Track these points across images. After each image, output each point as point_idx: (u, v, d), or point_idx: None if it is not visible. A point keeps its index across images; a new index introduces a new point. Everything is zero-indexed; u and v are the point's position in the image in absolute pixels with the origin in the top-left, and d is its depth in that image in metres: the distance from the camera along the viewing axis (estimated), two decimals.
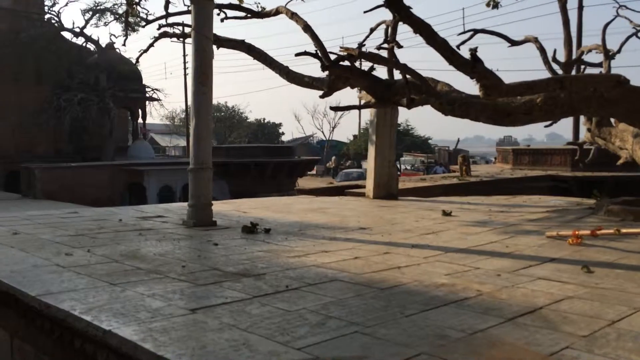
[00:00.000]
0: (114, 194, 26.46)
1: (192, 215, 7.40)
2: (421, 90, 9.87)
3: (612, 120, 10.99)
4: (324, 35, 9.48)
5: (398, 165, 47.42)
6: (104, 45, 32.12)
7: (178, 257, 5.23)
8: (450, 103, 9.17)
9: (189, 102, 7.23)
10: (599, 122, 13.45)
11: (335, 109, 10.95)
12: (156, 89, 32.63)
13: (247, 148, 31.76)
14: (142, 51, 13.03)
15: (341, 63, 9.75)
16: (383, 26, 11.44)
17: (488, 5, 12.25)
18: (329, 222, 7.84)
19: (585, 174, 18.54)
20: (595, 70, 12.28)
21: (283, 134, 56.82)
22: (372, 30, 12.10)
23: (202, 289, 4.01)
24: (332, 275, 4.47)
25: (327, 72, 10.41)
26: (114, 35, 32.05)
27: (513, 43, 11.84)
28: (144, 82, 33.88)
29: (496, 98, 7.21)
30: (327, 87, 9.92)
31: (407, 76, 9.87)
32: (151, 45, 12.80)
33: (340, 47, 9.34)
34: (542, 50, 11.91)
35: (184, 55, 43.19)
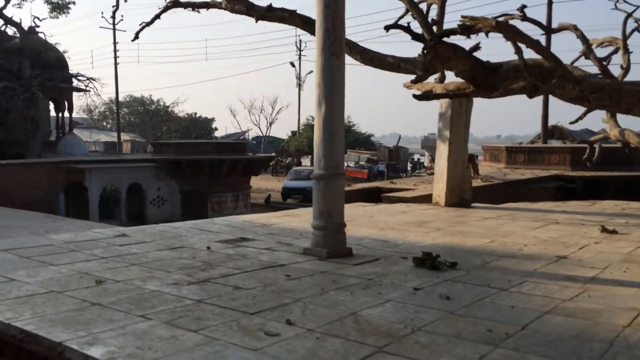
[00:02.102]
0: (50, 196, 23.09)
1: (323, 241, 5.22)
2: (543, 74, 8.14)
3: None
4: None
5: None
6: (26, 29, 28.27)
7: (442, 329, 3.12)
8: (597, 90, 7.47)
9: (316, 80, 5.00)
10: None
11: (421, 97, 9.00)
12: (91, 78, 29.07)
13: (199, 144, 28.92)
14: (144, 24, 10.50)
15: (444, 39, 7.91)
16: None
17: None
18: (479, 245, 5.89)
19: (592, 173, 17.58)
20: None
21: (216, 129, 53.75)
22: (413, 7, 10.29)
23: None
24: None
25: (422, 51, 8.49)
26: (38, 18, 27.97)
27: (547, 31, 10.12)
28: (70, 70, 30.13)
29: None
30: (422, 69, 7.96)
31: (525, 58, 8.18)
32: (157, 17, 10.31)
33: (463, 16, 7.42)
34: (583, 39, 10.49)
35: (115, 43, 39.42)
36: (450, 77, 13.28)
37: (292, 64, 48.19)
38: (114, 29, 38.90)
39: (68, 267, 4.49)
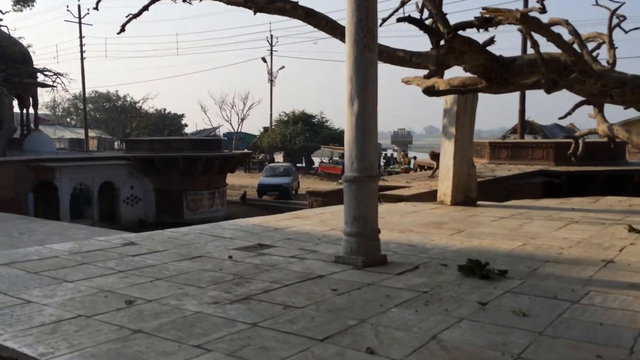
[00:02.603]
0: (19, 196, 22.18)
1: (357, 248, 4.82)
2: (560, 69, 7.87)
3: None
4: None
5: (314, 160, 45.53)
6: None
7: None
8: (619, 85, 7.22)
9: (347, 75, 4.58)
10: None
11: (431, 93, 8.65)
12: (59, 74, 28.02)
13: (174, 141, 28.22)
14: (130, 16, 9.90)
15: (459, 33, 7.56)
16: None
17: None
18: (513, 248, 5.57)
19: (576, 168, 17.53)
20: None
21: (186, 125, 52.72)
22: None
23: None
24: None
25: (435, 45, 8.16)
26: (1, 12, 26.83)
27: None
28: (36, 65, 28.99)
29: None
30: (435, 63, 7.61)
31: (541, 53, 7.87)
32: (145, 8, 9.72)
33: (484, 8, 7.08)
34: (575, 34, 10.33)
35: (81, 37, 38.17)
36: (450, 73, 12.99)
37: (264, 60, 47.57)
38: (80, 23, 37.70)
39: (86, 283, 4.00)
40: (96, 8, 9.98)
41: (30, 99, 29.33)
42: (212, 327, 3.10)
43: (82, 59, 37.92)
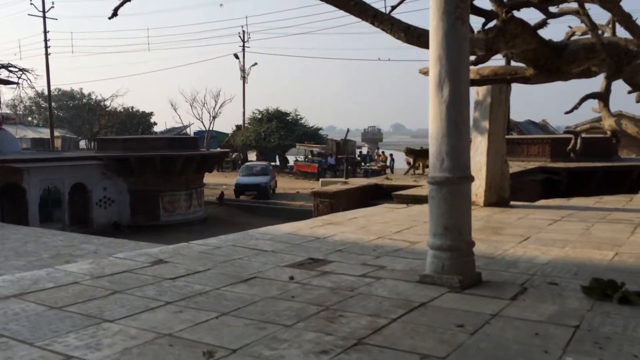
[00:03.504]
0: None
1: (451, 266, 3.94)
2: (620, 55, 7.15)
3: None
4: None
5: (289, 158, 44.52)
6: None
7: None
8: None
9: (433, 54, 3.67)
10: None
11: (476, 82, 7.84)
12: (24, 70, 26.46)
13: (149, 140, 26.95)
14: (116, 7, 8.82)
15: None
16: None
17: None
18: (609, 259, 4.78)
19: (575, 164, 17.03)
20: None
21: (155, 124, 50.90)
22: None
23: None
24: None
25: (483, 27, 7.47)
26: None
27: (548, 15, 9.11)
28: None
29: None
30: (484, 47, 6.82)
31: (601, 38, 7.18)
32: None
33: None
34: (591, 23, 9.71)
35: (45, 32, 36.36)
36: None
37: (236, 56, 46.26)
38: (44, 17, 35.91)
39: (133, 323, 3.03)
40: (114, 15, 8.82)
41: None
42: None
43: (46, 54, 36.14)
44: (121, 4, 9.03)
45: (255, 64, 47.50)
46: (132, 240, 11.66)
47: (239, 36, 46.90)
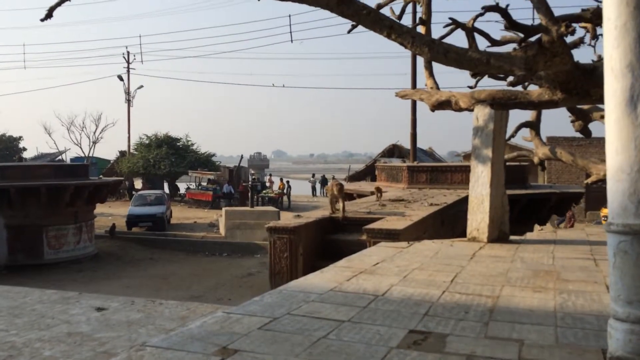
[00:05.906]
0: None
1: None
2: None
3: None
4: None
5: (179, 185, 42.20)
6: None
7: None
8: None
9: (620, 63, 2.66)
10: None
11: (499, 105, 6.94)
12: None
13: (33, 168, 23.88)
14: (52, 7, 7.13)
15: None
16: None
17: None
18: None
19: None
20: None
21: (25, 149, 46.19)
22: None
23: None
24: None
25: (520, 44, 6.70)
26: None
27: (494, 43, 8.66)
28: None
29: None
30: (524, 67, 6.03)
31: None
32: None
33: None
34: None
35: None
36: (444, 84, 11.44)
37: (120, 78, 43.27)
38: None
39: None
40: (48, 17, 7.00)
41: None
42: None
43: None
44: (58, 4, 7.41)
45: (141, 86, 44.75)
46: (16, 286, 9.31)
47: (123, 57, 44.00)
